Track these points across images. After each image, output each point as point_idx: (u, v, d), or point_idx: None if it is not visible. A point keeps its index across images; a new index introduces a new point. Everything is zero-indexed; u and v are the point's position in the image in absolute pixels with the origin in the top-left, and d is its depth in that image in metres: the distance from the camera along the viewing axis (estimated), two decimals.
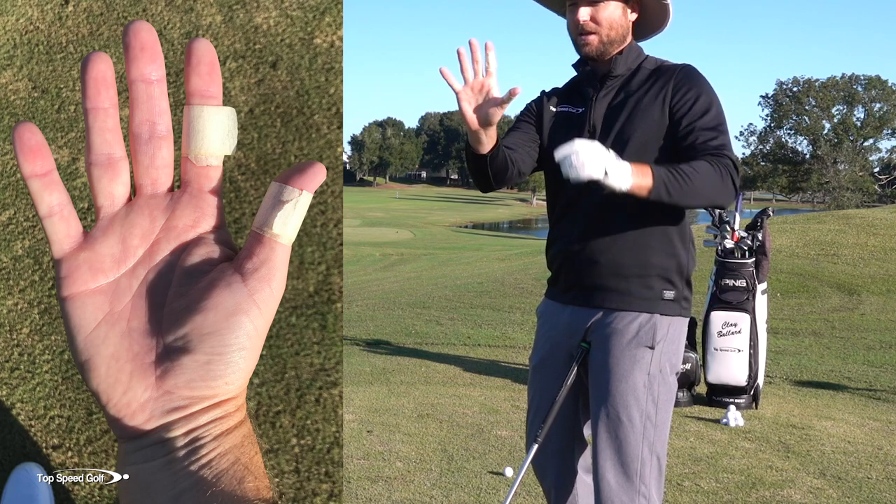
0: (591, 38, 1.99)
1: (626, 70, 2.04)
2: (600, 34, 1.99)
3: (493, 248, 25.62)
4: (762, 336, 4.87)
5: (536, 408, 2.13)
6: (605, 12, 1.98)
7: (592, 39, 1.99)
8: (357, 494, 3.23)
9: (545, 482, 2.17)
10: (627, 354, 1.95)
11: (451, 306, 9.11)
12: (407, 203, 72.40)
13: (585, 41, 1.99)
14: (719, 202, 1.91)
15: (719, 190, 1.85)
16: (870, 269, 10.77)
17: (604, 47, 2.00)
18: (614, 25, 2.00)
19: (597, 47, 2.00)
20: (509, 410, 4.58)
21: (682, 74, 2.00)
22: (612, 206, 1.97)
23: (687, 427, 4.33)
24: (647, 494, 1.94)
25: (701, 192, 1.84)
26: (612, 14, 1.99)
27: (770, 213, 5.26)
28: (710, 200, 1.91)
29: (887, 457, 3.86)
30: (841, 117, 58.41)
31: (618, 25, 2.00)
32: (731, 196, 1.90)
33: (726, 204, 1.95)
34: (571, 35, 2.03)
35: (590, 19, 1.98)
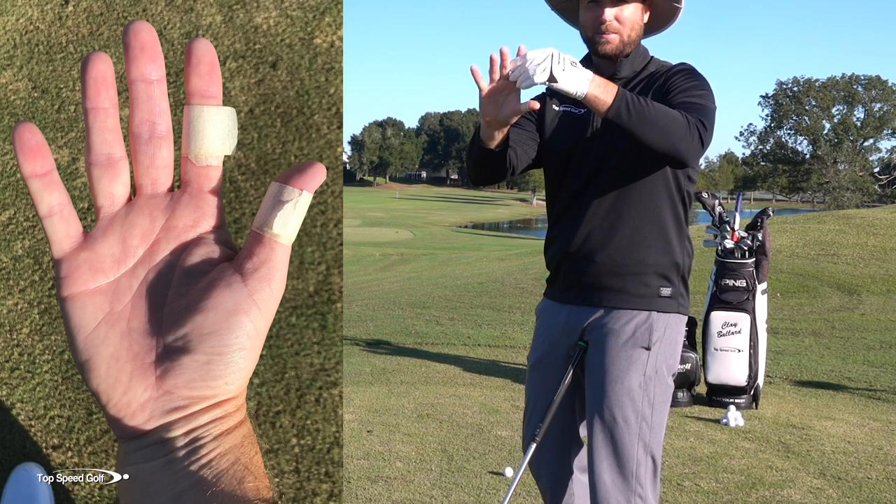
0: (613, 38, 1.99)
1: (631, 72, 2.04)
2: (622, 34, 1.99)
3: (493, 248, 25.62)
4: (762, 336, 4.87)
5: (533, 406, 2.14)
6: (628, 12, 1.99)
7: (614, 38, 1.99)
8: (357, 494, 3.23)
9: (541, 482, 2.17)
10: (623, 355, 1.95)
11: (451, 306, 9.10)
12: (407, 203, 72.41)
13: (606, 39, 1.99)
14: (679, 147, 1.81)
15: (681, 135, 1.79)
16: (870, 269, 10.77)
17: (623, 47, 2.01)
18: (635, 26, 2.01)
19: (617, 46, 2.00)
20: (509, 410, 4.58)
21: (678, 67, 2.03)
22: (610, 205, 1.98)
23: (687, 427, 4.33)
24: (644, 495, 1.95)
25: (661, 127, 1.78)
26: (633, 14, 2.00)
27: (770, 213, 5.26)
28: (670, 142, 1.80)
29: (887, 457, 3.86)
30: (841, 117, 58.41)
31: (638, 26, 2.02)
32: (695, 150, 1.83)
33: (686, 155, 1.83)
34: (588, 33, 2.03)
35: (614, 19, 1.98)
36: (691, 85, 1.95)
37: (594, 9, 1.98)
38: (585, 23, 2.02)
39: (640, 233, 1.98)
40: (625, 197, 1.98)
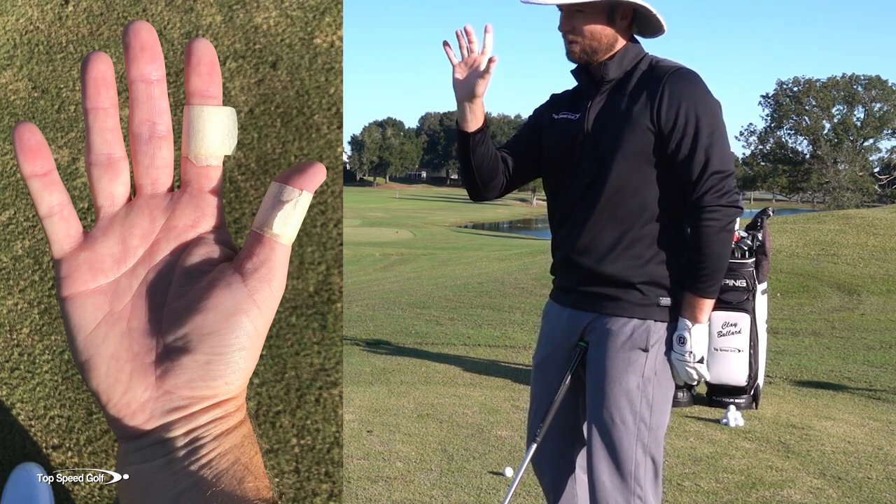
0: (574, 46, 2.00)
1: (621, 72, 2.01)
2: (581, 43, 1.99)
3: (493, 248, 25.62)
4: (762, 336, 4.87)
5: (537, 407, 2.14)
6: (583, 23, 1.98)
7: (575, 47, 2.01)
8: (357, 494, 3.23)
9: (544, 481, 2.17)
10: (621, 357, 1.95)
11: (451, 306, 9.10)
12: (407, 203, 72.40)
13: (570, 49, 2.01)
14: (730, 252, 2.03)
15: (727, 247, 1.96)
16: (870, 269, 10.77)
17: (587, 55, 2.00)
18: (595, 35, 1.98)
19: (579, 55, 2.01)
20: (509, 410, 4.58)
21: (671, 82, 1.93)
22: (607, 214, 1.97)
23: (687, 427, 4.33)
24: (643, 496, 1.94)
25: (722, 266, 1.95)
26: (590, 24, 1.98)
27: (770, 213, 5.26)
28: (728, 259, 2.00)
29: (887, 457, 3.86)
30: (841, 117, 58.41)
31: (599, 35, 1.98)
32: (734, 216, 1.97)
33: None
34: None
35: (570, 29, 1.99)
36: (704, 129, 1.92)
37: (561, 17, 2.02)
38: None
39: (640, 242, 1.97)
40: (624, 204, 1.96)
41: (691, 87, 1.94)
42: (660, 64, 2.01)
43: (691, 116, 1.91)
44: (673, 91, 1.92)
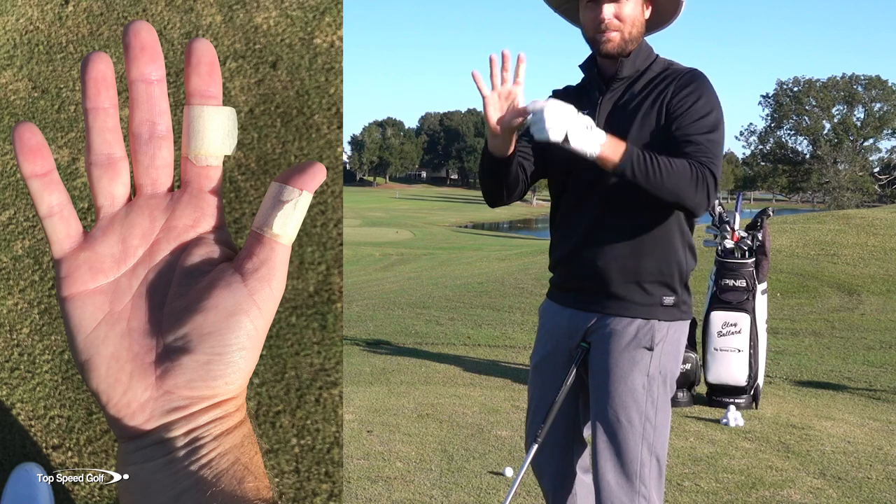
0: (614, 36, 1.97)
1: (634, 71, 2.01)
2: (623, 32, 1.97)
3: (493, 248, 25.61)
4: (762, 336, 4.87)
5: (536, 407, 2.13)
6: (628, 9, 1.96)
7: (615, 37, 1.97)
8: (357, 494, 3.23)
9: (544, 482, 2.17)
10: (626, 356, 1.95)
11: (451, 306, 9.10)
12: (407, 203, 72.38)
13: (607, 38, 1.97)
14: (686, 204, 1.85)
15: (688, 192, 1.82)
16: (870, 269, 10.77)
17: (625, 45, 1.98)
18: (636, 23, 1.98)
19: (619, 44, 1.98)
20: (509, 410, 4.58)
21: (686, 77, 1.97)
22: (613, 212, 1.96)
23: (687, 427, 4.33)
24: (647, 495, 1.94)
25: (668, 186, 1.81)
26: (633, 10, 1.97)
27: (770, 213, 5.27)
28: (676, 198, 1.84)
29: (887, 457, 3.86)
30: (841, 117, 58.44)
31: (639, 23, 1.99)
32: (702, 204, 1.86)
33: (694, 209, 1.88)
34: (589, 33, 2.01)
35: (614, 17, 1.96)
36: (701, 116, 1.91)
37: (593, 8, 1.97)
38: (586, 23, 2.01)
39: (643, 240, 1.96)
40: (627, 203, 1.95)
41: (705, 84, 1.97)
42: (673, 66, 2.03)
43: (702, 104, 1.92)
44: (688, 81, 1.95)
